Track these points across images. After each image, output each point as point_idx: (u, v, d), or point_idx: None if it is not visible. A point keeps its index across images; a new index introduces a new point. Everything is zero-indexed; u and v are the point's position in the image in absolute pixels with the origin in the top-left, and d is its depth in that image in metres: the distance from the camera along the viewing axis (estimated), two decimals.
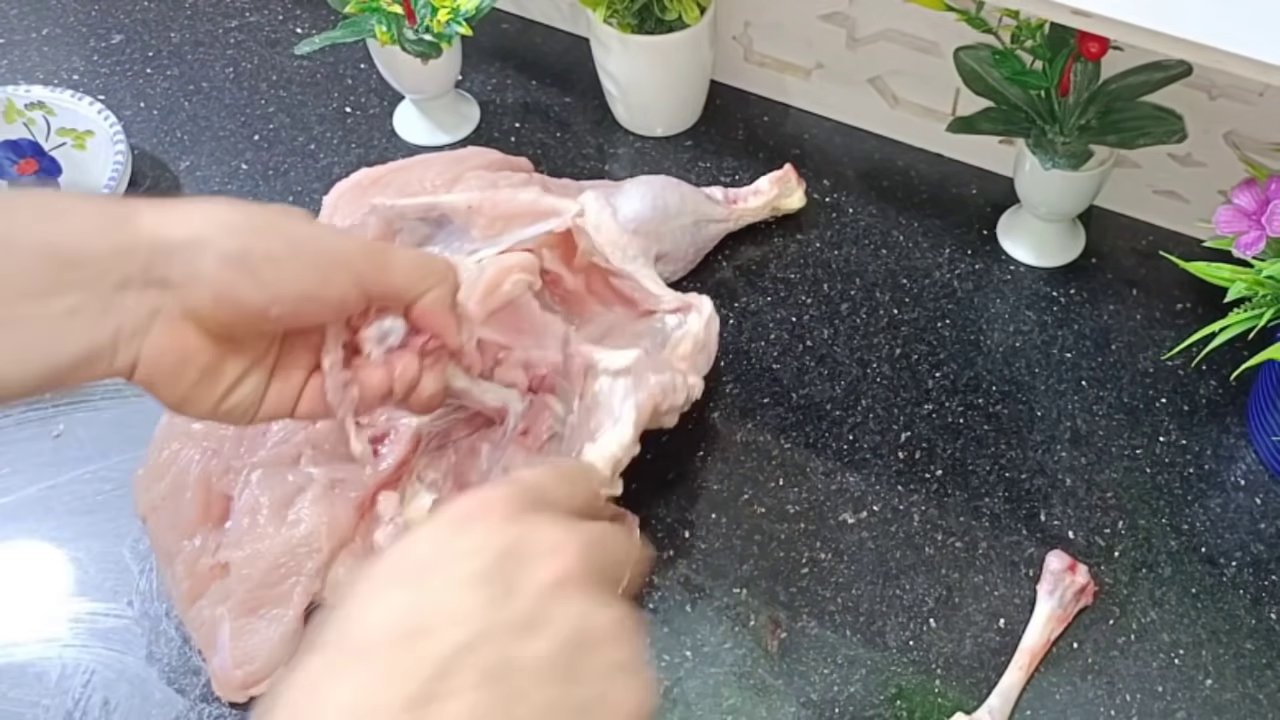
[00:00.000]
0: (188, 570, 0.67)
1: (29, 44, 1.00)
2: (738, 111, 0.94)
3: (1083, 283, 0.83)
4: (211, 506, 0.68)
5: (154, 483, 0.68)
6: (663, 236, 0.79)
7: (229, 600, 0.66)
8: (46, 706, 0.67)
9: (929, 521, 0.72)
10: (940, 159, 0.91)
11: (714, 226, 0.83)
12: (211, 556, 0.67)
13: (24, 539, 0.74)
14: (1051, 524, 0.72)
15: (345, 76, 0.97)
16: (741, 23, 0.91)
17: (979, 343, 0.80)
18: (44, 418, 0.78)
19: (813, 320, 0.82)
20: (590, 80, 0.93)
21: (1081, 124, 0.76)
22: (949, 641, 0.68)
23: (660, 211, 0.79)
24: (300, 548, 0.67)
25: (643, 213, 0.78)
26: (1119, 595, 0.69)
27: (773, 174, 0.85)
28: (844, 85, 0.91)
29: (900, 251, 0.85)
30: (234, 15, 1.02)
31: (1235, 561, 0.70)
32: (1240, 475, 0.74)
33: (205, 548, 0.67)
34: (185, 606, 0.67)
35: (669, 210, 0.79)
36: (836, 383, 0.78)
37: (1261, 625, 0.68)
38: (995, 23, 0.74)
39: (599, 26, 0.86)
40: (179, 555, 0.67)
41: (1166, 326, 0.81)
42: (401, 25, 0.84)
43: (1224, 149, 0.79)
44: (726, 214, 0.83)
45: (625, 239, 0.74)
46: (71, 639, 0.69)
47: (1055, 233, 0.84)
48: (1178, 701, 0.66)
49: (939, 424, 0.76)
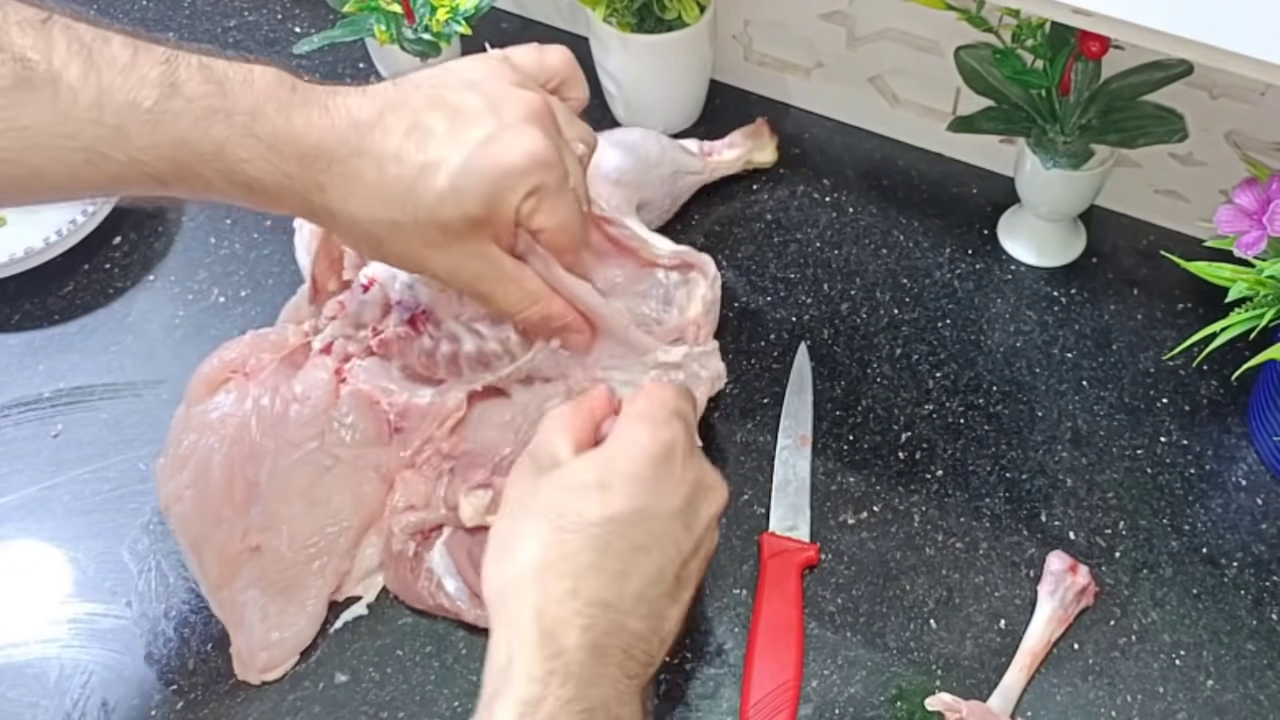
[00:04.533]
0: (217, 555, 0.67)
1: None
2: (738, 111, 0.94)
3: (1083, 282, 0.83)
4: (236, 492, 0.68)
5: (176, 473, 0.68)
6: (643, 186, 0.79)
7: (260, 581, 0.67)
8: (45, 707, 0.67)
9: (929, 522, 0.72)
10: (941, 158, 0.90)
11: (690, 178, 0.85)
12: (240, 540, 0.67)
13: (22, 539, 0.74)
14: (1052, 524, 0.72)
15: (344, 76, 0.97)
16: (741, 22, 0.91)
17: (979, 343, 0.80)
18: (43, 418, 0.78)
19: (813, 320, 0.81)
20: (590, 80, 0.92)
21: (1082, 123, 0.76)
22: (949, 642, 0.68)
23: (642, 160, 0.80)
24: (330, 526, 0.69)
25: (625, 163, 0.78)
26: (1120, 596, 0.69)
27: (746, 128, 0.88)
28: (844, 84, 0.90)
29: (900, 251, 0.85)
30: (233, 14, 1.02)
31: (1236, 562, 0.70)
32: (1241, 475, 0.74)
33: (233, 532, 0.68)
34: (214, 591, 0.68)
35: (650, 159, 0.80)
36: (836, 383, 0.78)
37: (1263, 626, 0.68)
38: (996, 22, 0.74)
39: (598, 26, 0.86)
40: (207, 542, 0.68)
41: (1167, 326, 0.80)
42: (401, 24, 0.84)
43: (1225, 148, 0.79)
44: (702, 166, 0.85)
45: (609, 189, 0.74)
46: (70, 640, 0.69)
47: (1056, 232, 0.84)
48: (1179, 702, 0.66)
49: (939, 424, 0.76)
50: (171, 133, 0.54)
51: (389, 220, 0.58)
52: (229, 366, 0.71)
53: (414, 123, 0.58)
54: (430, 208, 0.58)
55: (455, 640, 0.69)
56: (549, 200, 0.60)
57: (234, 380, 0.70)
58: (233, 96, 0.55)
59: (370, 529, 0.70)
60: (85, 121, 0.53)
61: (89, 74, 0.53)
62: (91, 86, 0.53)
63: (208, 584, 0.68)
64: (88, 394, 0.79)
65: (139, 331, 0.82)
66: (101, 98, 0.53)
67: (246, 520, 0.68)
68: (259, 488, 0.68)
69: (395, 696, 0.67)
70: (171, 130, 0.54)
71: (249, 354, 0.71)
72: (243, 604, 0.67)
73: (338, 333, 0.71)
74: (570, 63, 0.66)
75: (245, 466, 0.68)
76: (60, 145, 0.53)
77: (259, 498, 0.68)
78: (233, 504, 0.68)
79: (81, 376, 0.80)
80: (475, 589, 0.67)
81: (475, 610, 0.68)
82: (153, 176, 0.55)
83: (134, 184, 0.55)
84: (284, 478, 0.68)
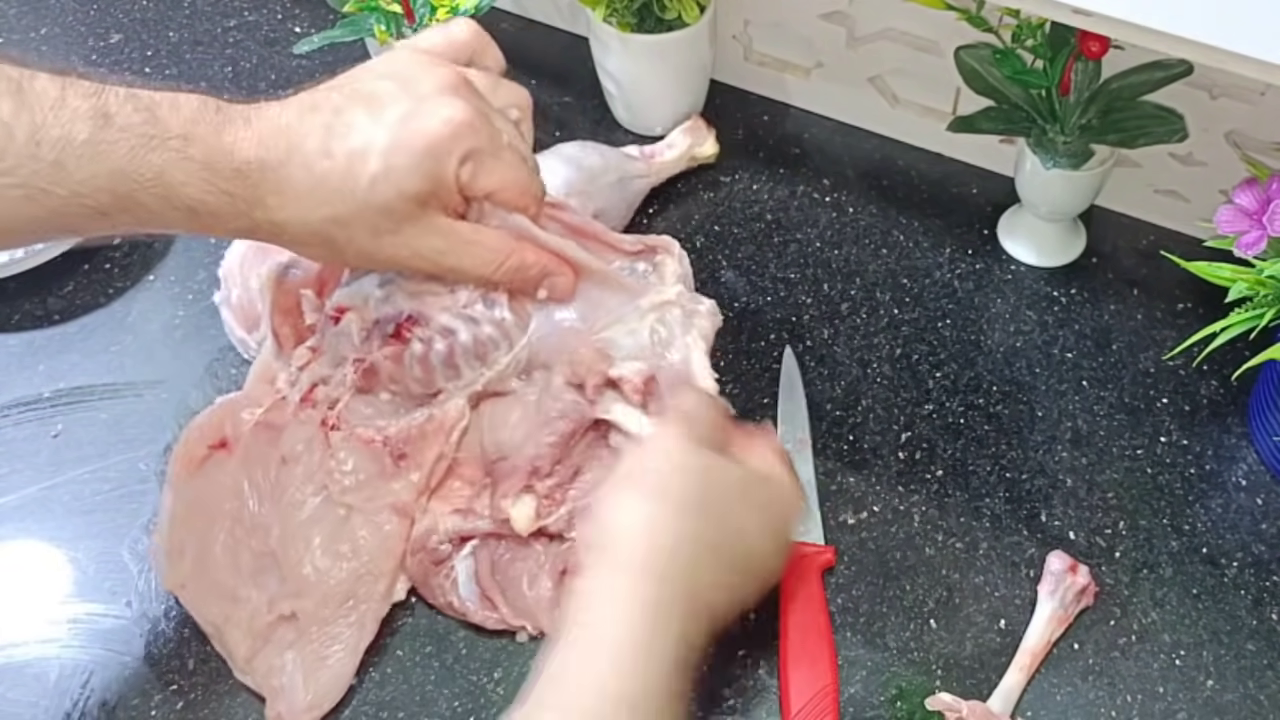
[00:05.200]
0: (245, 631, 0.66)
1: (28, 43, 1.00)
2: (737, 111, 0.94)
3: (1083, 282, 0.83)
4: (244, 567, 0.67)
5: (176, 560, 0.68)
6: (594, 195, 0.80)
7: (297, 643, 0.66)
8: (45, 707, 0.67)
9: (929, 522, 0.72)
10: (941, 158, 0.90)
11: (639, 182, 0.85)
12: (269, 612, 0.66)
13: (22, 539, 0.74)
14: (1052, 524, 0.72)
15: None
16: (741, 22, 0.91)
17: (979, 343, 0.80)
18: (43, 418, 0.78)
19: (813, 320, 0.81)
20: (590, 80, 0.93)
21: (1082, 123, 0.76)
22: (949, 642, 0.68)
23: (586, 172, 0.80)
24: (365, 576, 0.67)
25: (570, 177, 0.79)
26: (1120, 596, 0.69)
27: (683, 125, 0.89)
28: (844, 84, 0.90)
29: (900, 251, 0.85)
30: (232, 14, 1.02)
31: (1236, 562, 0.70)
32: (1241, 475, 0.74)
33: (258, 606, 0.66)
34: (245, 665, 0.66)
35: (594, 170, 0.81)
36: (836, 383, 0.78)
37: (1263, 626, 0.68)
38: (996, 22, 0.74)
39: (598, 26, 0.86)
40: (230, 621, 0.66)
41: (1167, 326, 0.80)
42: (401, 24, 0.84)
43: (1225, 148, 0.79)
44: (647, 169, 0.86)
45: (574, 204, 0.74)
46: (70, 640, 0.69)
47: (1056, 232, 0.84)
48: (1179, 703, 0.66)
49: (939, 424, 0.76)
50: (109, 163, 0.55)
51: (332, 216, 0.59)
52: (206, 441, 0.69)
53: (335, 118, 0.59)
54: (366, 194, 0.59)
55: (455, 640, 0.69)
56: (485, 162, 0.61)
57: (214, 457, 0.69)
58: (163, 122, 0.56)
59: (403, 567, 0.68)
60: (23, 158, 0.53)
61: (20, 111, 0.53)
62: (25, 123, 0.53)
63: (237, 661, 0.66)
64: (88, 394, 0.79)
65: (139, 331, 0.82)
66: (36, 133, 0.53)
67: (268, 591, 0.67)
68: (272, 556, 0.67)
69: (395, 696, 0.67)
70: (109, 160, 0.55)
71: (224, 423, 0.70)
72: (280, 669, 0.65)
73: (315, 378, 0.70)
74: (477, 33, 0.67)
75: (249, 541, 0.67)
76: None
77: (273, 565, 0.67)
78: (246, 580, 0.67)
79: (81, 376, 0.80)
80: (489, 595, 0.68)
81: (483, 612, 0.68)
82: (94, 209, 0.55)
83: (76, 220, 0.56)
84: (300, 539, 0.67)
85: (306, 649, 0.66)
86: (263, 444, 0.69)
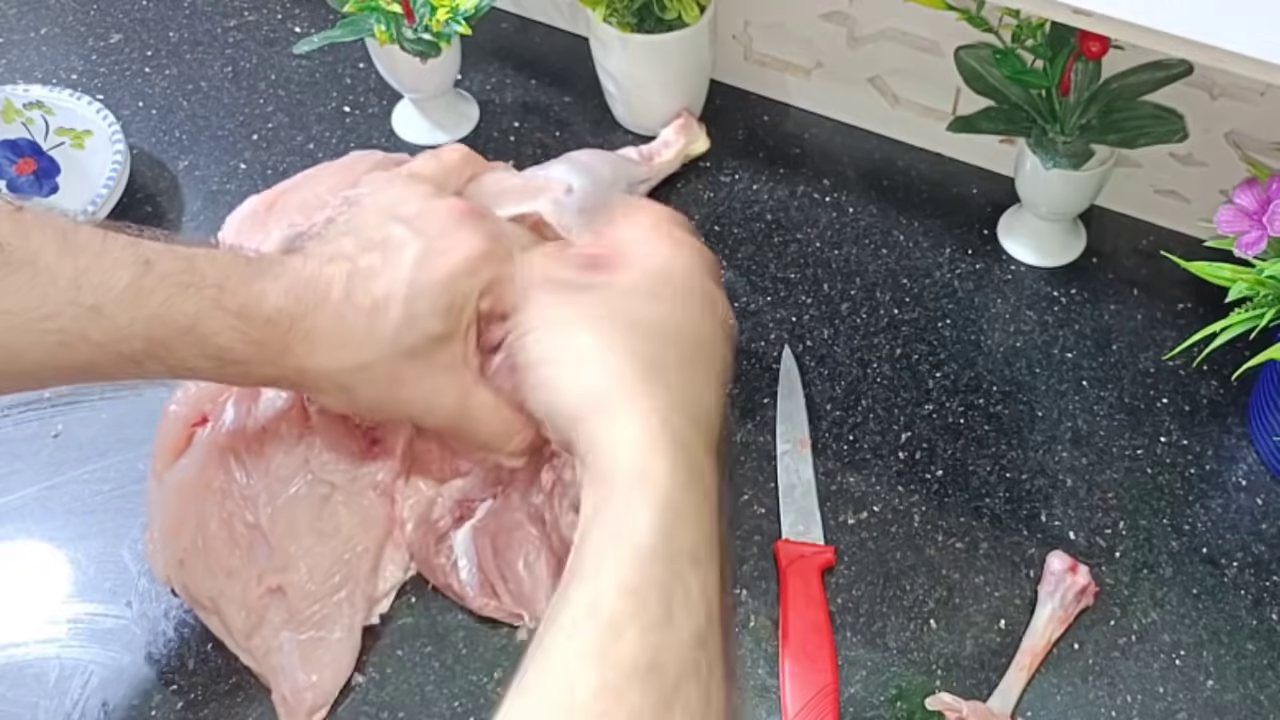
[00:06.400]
0: (239, 605, 0.67)
1: (27, 43, 1.00)
2: (738, 111, 0.94)
3: (1083, 283, 0.83)
4: (239, 539, 0.68)
5: (171, 540, 0.68)
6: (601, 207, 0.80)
7: (290, 621, 0.66)
8: (45, 707, 0.67)
9: (929, 522, 0.72)
10: (941, 159, 0.90)
11: (641, 186, 0.86)
12: (259, 585, 0.67)
13: (22, 539, 0.74)
14: (1052, 524, 0.72)
15: (344, 76, 0.97)
16: (741, 22, 0.91)
17: (979, 343, 0.80)
18: (43, 418, 0.78)
19: (813, 320, 0.81)
20: (590, 80, 0.93)
21: (1082, 123, 0.76)
22: (949, 642, 0.68)
23: (600, 184, 0.80)
24: (346, 554, 0.67)
25: (585, 186, 0.79)
26: (1120, 596, 0.69)
27: (673, 124, 0.89)
28: (844, 84, 0.90)
29: (900, 251, 0.85)
30: (232, 14, 1.02)
31: (1236, 562, 0.70)
32: (1241, 476, 0.74)
33: (249, 579, 0.67)
34: (244, 641, 0.67)
35: (605, 181, 0.81)
36: (836, 383, 0.78)
37: (1263, 626, 0.68)
38: (996, 22, 0.74)
39: (598, 26, 0.86)
40: (225, 596, 0.67)
41: (1168, 326, 0.80)
42: (400, 24, 0.84)
43: (1225, 148, 0.79)
44: (648, 171, 0.86)
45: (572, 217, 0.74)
46: (70, 640, 0.69)
47: (1056, 232, 0.84)
48: (1179, 703, 0.66)
49: (939, 424, 0.76)
50: (146, 308, 0.55)
51: (356, 364, 0.60)
52: (187, 422, 0.70)
53: (353, 267, 0.60)
54: (392, 340, 0.60)
55: (455, 640, 0.69)
56: (505, 286, 0.62)
57: (196, 435, 0.70)
58: (200, 272, 0.57)
59: (387, 546, 0.69)
60: (63, 303, 0.54)
61: (64, 256, 0.54)
62: (68, 267, 0.54)
63: (235, 637, 0.67)
64: (88, 394, 0.79)
65: None
66: (79, 278, 0.54)
67: (258, 565, 0.67)
68: (260, 529, 0.67)
69: (395, 696, 0.67)
70: (146, 306, 0.55)
71: (201, 402, 0.71)
72: (277, 648, 0.66)
73: None
74: (468, 155, 0.70)
75: (242, 512, 0.68)
76: (37, 328, 0.53)
77: (262, 539, 0.67)
78: (240, 552, 0.67)
79: None
80: (489, 579, 0.68)
81: (481, 599, 0.68)
82: (127, 357, 0.56)
83: (108, 367, 0.56)
84: (287, 515, 0.67)
85: (300, 627, 0.66)
86: (242, 416, 0.70)
